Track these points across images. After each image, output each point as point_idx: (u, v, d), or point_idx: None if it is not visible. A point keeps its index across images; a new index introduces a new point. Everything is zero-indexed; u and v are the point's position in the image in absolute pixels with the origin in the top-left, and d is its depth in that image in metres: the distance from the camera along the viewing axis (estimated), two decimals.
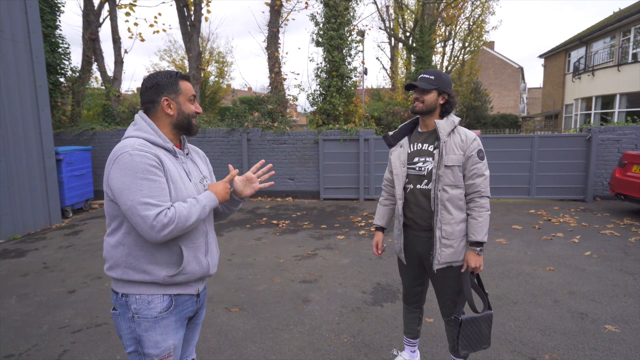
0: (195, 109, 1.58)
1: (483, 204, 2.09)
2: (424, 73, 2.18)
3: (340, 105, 9.10)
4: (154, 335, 1.46)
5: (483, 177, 2.10)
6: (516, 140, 8.04)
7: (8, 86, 5.81)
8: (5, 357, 2.78)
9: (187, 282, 1.53)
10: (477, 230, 2.06)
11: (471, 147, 2.09)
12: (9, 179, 5.79)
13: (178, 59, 24.08)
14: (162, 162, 1.43)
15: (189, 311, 1.60)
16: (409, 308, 2.47)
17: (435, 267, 2.13)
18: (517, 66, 35.69)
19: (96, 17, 10.15)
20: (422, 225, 2.18)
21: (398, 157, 2.24)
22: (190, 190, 1.52)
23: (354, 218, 6.84)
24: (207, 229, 1.61)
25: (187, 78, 1.59)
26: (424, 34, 16.16)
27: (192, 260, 1.52)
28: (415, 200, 2.18)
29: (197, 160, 1.70)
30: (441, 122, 2.13)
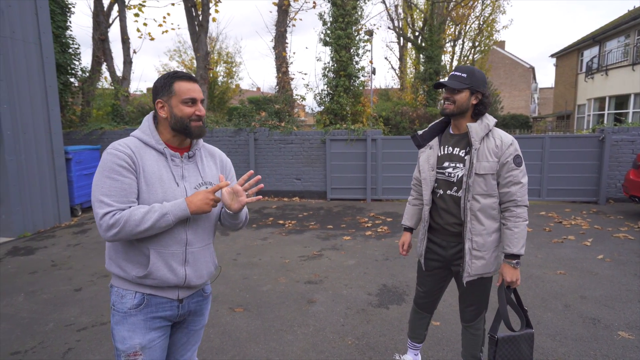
0: (196, 111, 1.49)
1: (520, 214, 1.93)
2: (456, 70, 1.97)
3: (347, 105, 9.06)
4: (122, 330, 1.48)
5: (520, 184, 1.94)
6: (526, 140, 7.92)
7: (19, 86, 5.87)
8: (12, 354, 2.79)
9: (159, 286, 1.49)
10: (513, 242, 1.91)
11: (507, 153, 1.92)
12: (19, 178, 5.86)
13: (187, 59, 24.23)
14: (136, 163, 1.42)
15: (167, 315, 1.54)
16: (420, 312, 2.38)
17: (465, 279, 2.00)
18: (528, 66, 35.27)
19: (106, 17, 10.25)
20: (450, 231, 2.06)
21: (427, 160, 2.09)
22: (170, 193, 1.47)
23: (361, 219, 6.79)
24: (190, 239, 1.51)
25: (187, 78, 1.49)
26: (433, 33, 16.04)
27: (162, 267, 1.46)
28: (445, 206, 2.05)
29: (208, 165, 1.62)
30: (474, 125, 1.95)
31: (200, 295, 1.66)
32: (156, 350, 1.51)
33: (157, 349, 1.52)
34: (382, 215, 6.99)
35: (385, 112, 12.61)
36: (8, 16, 5.68)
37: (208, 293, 1.73)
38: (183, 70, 1.81)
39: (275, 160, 8.69)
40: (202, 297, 1.67)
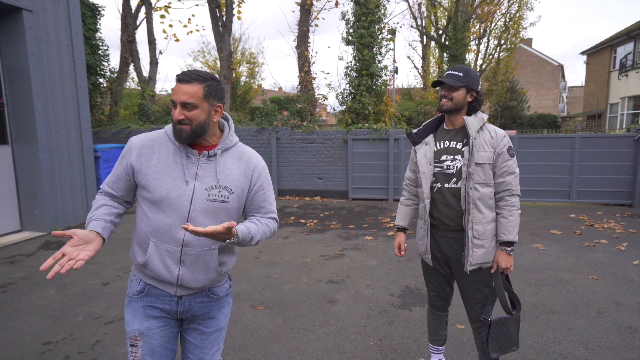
0: (176, 115, 1.40)
1: (514, 203, 2.03)
2: (452, 69, 2.09)
3: (370, 105, 8.99)
4: (127, 313, 1.56)
5: (514, 174, 2.04)
6: (556, 140, 7.66)
7: (52, 87, 6.09)
8: (44, 343, 2.89)
9: (156, 279, 1.50)
10: (507, 229, 2.00)
11: (501, 144, 2.03)
12: (51, 175, 6.07)
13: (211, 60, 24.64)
14: (141, 154, 1.48)
15: (166, 309, 1.53)
16: (436, 313, 2.38)
17: (468, 268, 2.05)
18: (557, 64, 34.16)
19: (133, 19, 10.52)
20: (449, 225, 2.11)
21: (424, 155, 2.16)
22: (176, 191, 1.43)
23: (383, 219, 6.73)
24: (188, 240, 1.45)
25: (181, 79, 1.39)
26: (457, 31, 15.76)
27: (157, 261, 1.46)
28: (443, 199, 2.10)
29: (231, 168, 1.50)
30: (470, 118, 2.06)
31: (206, 297, 1.58)
32: (155, 339, 1.52)
33: (157, 337, 1.52)
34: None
35: (408, 112, 12.47)
36: (43, 19, 5.90)
37: (220, 295, 1.61)
38: (206, 70, 1.78)
39: (297, 159, 8.71)
40: (209, 299, 1.58)
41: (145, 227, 1.48)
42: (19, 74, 5.70)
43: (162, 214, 1.45)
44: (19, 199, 6.01)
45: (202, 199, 1.45)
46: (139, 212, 1.52)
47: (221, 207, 1.49)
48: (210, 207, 1.47)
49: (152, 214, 1.46)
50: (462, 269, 2.10)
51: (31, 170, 5.89)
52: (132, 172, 1.48)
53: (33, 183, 5.91)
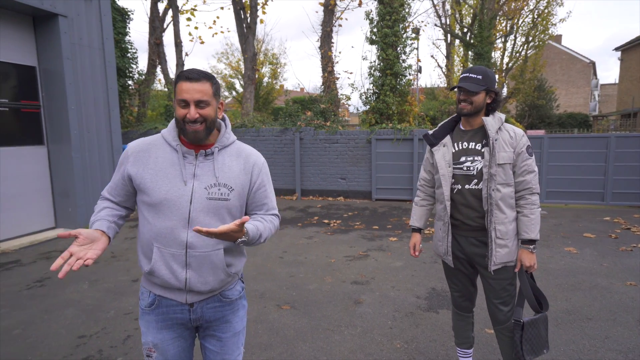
0: (187, 114, 1.38)
1: (534, 201, 2.04)
2: (469, 72, 2.07)
3: (394, 104, 8.91)
4: (141, 325, 1.55)
5: (533, 173, 2.04)
6: (588, 140, 7.38)
7: (85, 89, 6.31)
8: (79, 337, 2.99)
9: (164, 286, 1.47)
10: (529, 227, 2.01)
11: (521, 144, 2.03)
12: (83, 174, 6.29)
13: (234, 61, 24.99)
14: (137, 160, 1.46)
15: (178, 318, 1.50)
16: (461, 314, 2.34)
17: (492, 268, 2.04)
18: (588, 61, 32.96)
19: (161, 22, 10.78)
20: (471, 225, 2.09)
21: (443, 157, 2.15)
22: (175, 191, 1.41)
23: (407, 220, 6.65)
24: (192, 241, 1.42)
25: (186, 78, 1.38)
26: (483, 29, 15.43)
27: (163, 267, 1.43)
28: (464, 200, 2.09)
29: (229, 165, 1.49)
30: (489, 119, 2.06)
31: (218, 301, 1.53)
32: (169, 350, 1.51)
33: (170, 349, 1.51)
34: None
35: (432, 111, 12.28)
36: (76, 24, 6.11)
37: (232, 299, 1.57)
38: (229, 71, 1.79)
39: (321, 159, 8.72)
40: (222, 303, 1.54)
41: (147, 233, 1.45)
42: (54, 77, 5.93)
43: (163, 217, 1.41)
44: (54, 197, 6.26)
45: (201, 199, 1.42)
46: (141, 219, 1.49)
47: (222, 205, 1.45)
48: (211, 206, 1.43)
49: (153, 219, 1.43)
50: (486, 269, 2.09)
51: (65, 170, 6.12)
52: (128, 178, 1.47)
53: (66, 182, 6.13)
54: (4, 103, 5.57)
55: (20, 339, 2.96)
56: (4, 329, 3.12)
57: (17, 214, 5.70)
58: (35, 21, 5.89)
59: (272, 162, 8.96)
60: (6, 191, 5.56)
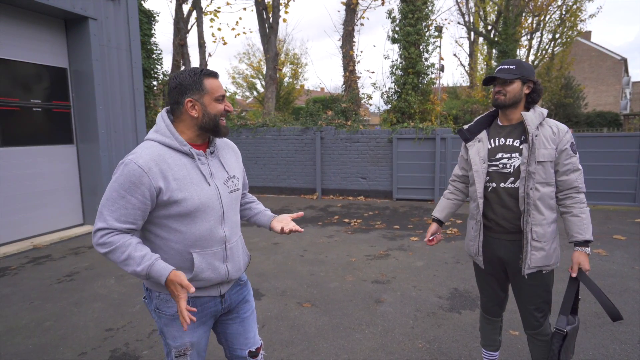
0: (225, 107, 1.46)
1: (583, 199, 1.93)
2: (502, 64, 1.97)
3: (415, 103, 8.81)
4: (172, 330, 1.51)
5: (579, 171, 1.93)
6: (619, 139, 7.12)
7: (112, 90, 6.50)
8: (106, 330, 3.09)
9: (204, 287, 1.50)
10: (582, 228, 1.89)
11: (564, 140, 1.91)
12: (110, 172, 6.48)
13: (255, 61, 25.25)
14: (157, 176, 1.35)
15: (211, 311, 1.58)
16: (489, 318, 2.27)
17: (526, 272, 1.93)
18: (619, 58, 31.75)
19: (185, 24, 11.00)
20: (505, 227, 1.99)
21: (477, 152, 2.04)
22: (205, 195, 1.43)
23: (428, 220, 6.56)
24: (228, 235, 1.52)
25: (214, 75, 1.45)
26: (508, 26, 15.09)
27: (206, 268, 1.46)
28: (498, 199, 1.99)
29: (228, 156, 1.58)
30: (528, 114, 1.93)
31: (238, 285, 1.68)
32: (202, 343, 1.59)
33: (203, 340, 1.60)
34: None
35: (454, 110, 12.09)
36: (105, 26, 6.31)
37: (245, 280, 1.74)
38: (251, 72, 1.82)
39: (341, 158, 8.71)
40: (240, 286, 1.69)
41: (178, 244, 1.42)
42: (84, 78, 6.14)
43: (200, 221, 1.42)
44: (82, 195, 6.47)
45: (225, 194, 1.51)
46: (161, 234, 1.43)
47: (237, 196, 1.58)
48: (233, 198, 1.54)
49: (187, 227, 1.41)
50: (519, 273, 1.99)
51: (93, 168, 6.32)
52: (155, 195, 1.35)
53: (94, 180, 6.33)
54: (38, 104, 5.80)
55: (52, 331, 3.08)
56: (37, 320, 3.25)
57: (49, 210, 5.93)
58: (66, 24, 6.11)
59: (293, 161, 9.00)
60: (39, 188, 5.78)
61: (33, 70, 5.69)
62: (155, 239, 1.44)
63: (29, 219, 5.66)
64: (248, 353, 1.69)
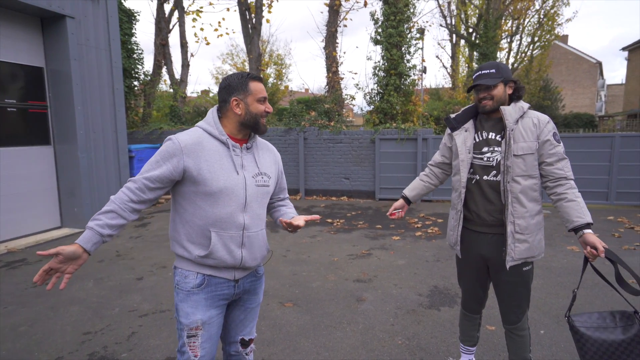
0: (265, 108, 1.64)
1: (574, 185, 1.91)
2: (481, 70, 1.99)
3: (398, 104, 8.91)
4: (186, 306, 1.62)
5: (565, 159, 1.94)
6: (593, 140, 7.35)
7: (91, 89, 6.39)
8: (84, 333, 3.04)
9: (218, 266, 1.62)
10: (581, 211, 1.83)
11: (545, 131, 1.92)
12: (89, 174, 6.36)
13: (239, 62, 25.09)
14: (190, 152, 1.54)
15: (225, 294, 1.67)
16: (468, 315, 2.31)
17: (509, 264, 1.95)
18: (595, 61, 32.74)
19: (166, 24, 10.87)
20: (487, 220, 2.01)
21: (464, 142, 2.05)
22: (231, 180, 1.58)
23: (410, 219, 6.65)
24: (247, 224, 1.62)
25: (259, 79, 1.64)
26: (488, 29, 15.40)
27: (221, 248, 1.59)
28: (481, 192, 2.01)
29: (263, 156, 1.74)
30: (507, 108, 1.95)
31: (254, 276, 1.78)
32: (214, 326, 1.66)
33: (215, 324, 1.67)
34: (432, 216, 6.81)
35: (436, 112, 12.27)
36: (84, 25, 6.19)
37: (261, 274, 1.84)
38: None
39: (324, 159, 8.74)
40: (256, 278, 1.80)
41: (201, 221, 1.58)
42: (61, 77, 6.01)
43: (222, 203, 1.57)
44: (60, 197, 6.33)
45: (252, 186, 1.64)
46: (189, 208, 1.59)
47: (265, 191, 1.70)
48: (259, 192, 1.67)
49: (210, 206, 1.57)
50: (501, 267, 2.01)
51: (71, 170, 6.19)
52: (182, 170, 1.54)
53: (72, 182, 6.21)
54: (12, 104, 5.65)
55: (27, 336, 3.01)
56: (10, 326, 3.18)
57: (24, 213, 5.78)
58: (43, 22, 5.98)
59: None
60: (13, 191, 5.63)
61: (7, 69, 5.55)
62: (184, 212, 1.61)
63: (4, 222, 5.51)
64: (240, 340, 1.81)
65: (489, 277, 2.15)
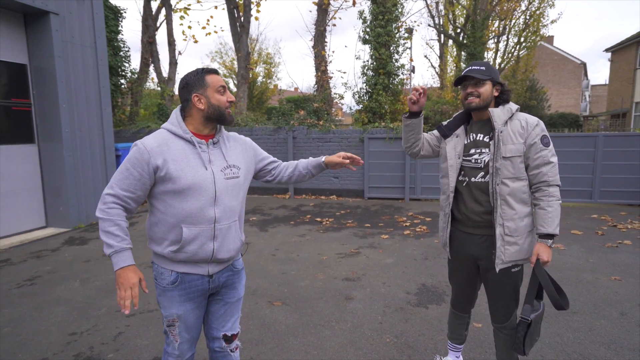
0: (227, 98, 1.68)
1: (552, 193, 1.90)
2: (472, 65, 1.99)
3: (386, 103, 8.96)
4: (163, 300, 1.72)
5: (551, 164, 1.91)
6: (577, 139, 7.50)
7: (77, 87, 6.28)
8: (70, 334, 3.00)
9: (191, 260, 1.66)
10: (547, 221, 1.87)
11: (533, 134, 1.91)
12: (75, 173, 6.26)
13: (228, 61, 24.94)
14: (157, 155, 1.58)
15: (199, 289, 1.72)
16: (457, 313, 2.34)
17: (499, 267, 1.96)
18: (579, 62, 33.32)
19: (154, 21, 10.74)
20: (476, 221, 2.03)
21: (454, 147, 2.07)
22: (199, 176, 1.62)
23: (399, 218, 6.70)
24: (219, 217, 1.66)
25: (214, 71, 1.68)
26: (475, 29, 15.54)
27: (193, 241, 1.63)
28: (470, 193, 2.03)
29: (232, 149, 1.77)
30: (496, 110, 1.96)
31: (230, 270, 1.81)
32: (190, 317, 1.74)
33: (191, 316, 1.74)
34: (420, 215, 6.87)
35: (424, 111, 12.36)
36: (68, 22, 6.09)
37: (239, 268, 1.87)
38: (223, 71, 1.84)
39: None
40: (233, 272, 1.82)
41: (172, 218, 1.62)
42: (45, 75, 5.90)
43: (191, 199, 1.61)
44: (45, 196, 6.22)
45: (221, 179, 1.67)
46: (160, 207, 1.64)
47: (235, 183, 1.72)
48: (229, 185, 1.69)
49: (180, 203, 1.61)
50: (491, 269, 2.02)
51: (56, 169, 6.09)
52: (154, 171, 1.58)
53: (58, 181, 6.10)
54: None
55: (10, 337, 2.96)
56: None
57: (8, 213, 5.67)
58: (26, 19, 5.86)
59: None
60: None
61: None
62: (156, 212, 1.65)
63: None
64: (223, 336, 1.84)
65: (479, 277, 2.17)
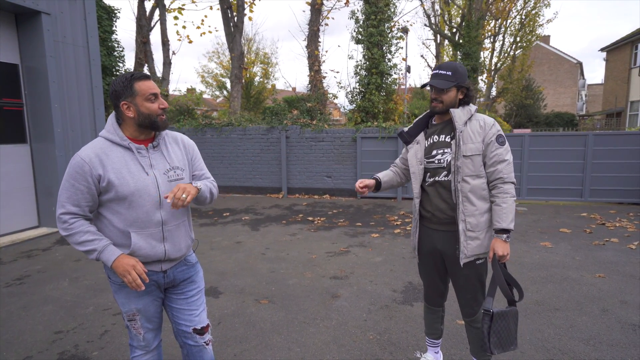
0: (159, 105, 1.64)
1: (507, 190, 2.00)
2: (439, 69, 2.05)
3: (379, 103, 8.99)
4: (120, 297, 1.75)
5: (505, 162, 2.00)
6: (568, 138, 7.54)
7: (69, 87, 6.29)
8: (56, 332, 3.02)
9: (144, 261, 1.68)
10: (502, 217, 1.96)
11: (490, 133, 2.01)
12: None
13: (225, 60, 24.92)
14: (97, 166, 1.57)
15: (154, 280, 1.75)
16: (431, 307, 2.41)
17: (462, 260, 2.04)
18: (575, 61, 33.43)
19: (147, 21, 10.75)
20: (441, 218, 2.11)
21: (415, 155, 2.17)
22: (141, 182, 1.62)
23: (390, 217, 6.73)
24: (166, 219, 1.69)
25: (144, 77, 1.63)
26: (471, 29, 15.59)
27: (143, 246, 1.65)
28: (435, 192, 2.12)
29: (173, 151, 1.76)
30: (457, 111, 2.04)
31: (184, 265, 1.85)
32: (150, 309, 1.79)
33: (151, 307, 1.79)
34: (412, 214, 6.89)
35: (419, 111, 12.40)
36: (60, 22, 6.10)
37: (193, 262, 1.90)
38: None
39: (307, 157, 8.77)
40: (187, 266, 1.86)
41: (120, 224, 1.64)
42: (37, 75, 5.91)
43: (136, 205, 1.62)
44: (37, 196, 6.23)
45: (164, 183, 1.68)
46: (107, 215, 1.65)
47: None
48: (173, 187, 1.69)
49: (125, 210, 1.62)
50: (456, 263, 2.10)
51: (48, 168, 6.10)
52: (96, 182, 1.58)
53: (50, 181, 6.11)
54: None
55: None
56: None
57: (0, 212, 5.68)
58: (17, 19, 5.86)
59: (259, 160, 8.99)
60: None
61: None
62: (103, 219, 1.66)
63: None
64: (193, 330, 1.86)
65: (447, 270, 2.25)
